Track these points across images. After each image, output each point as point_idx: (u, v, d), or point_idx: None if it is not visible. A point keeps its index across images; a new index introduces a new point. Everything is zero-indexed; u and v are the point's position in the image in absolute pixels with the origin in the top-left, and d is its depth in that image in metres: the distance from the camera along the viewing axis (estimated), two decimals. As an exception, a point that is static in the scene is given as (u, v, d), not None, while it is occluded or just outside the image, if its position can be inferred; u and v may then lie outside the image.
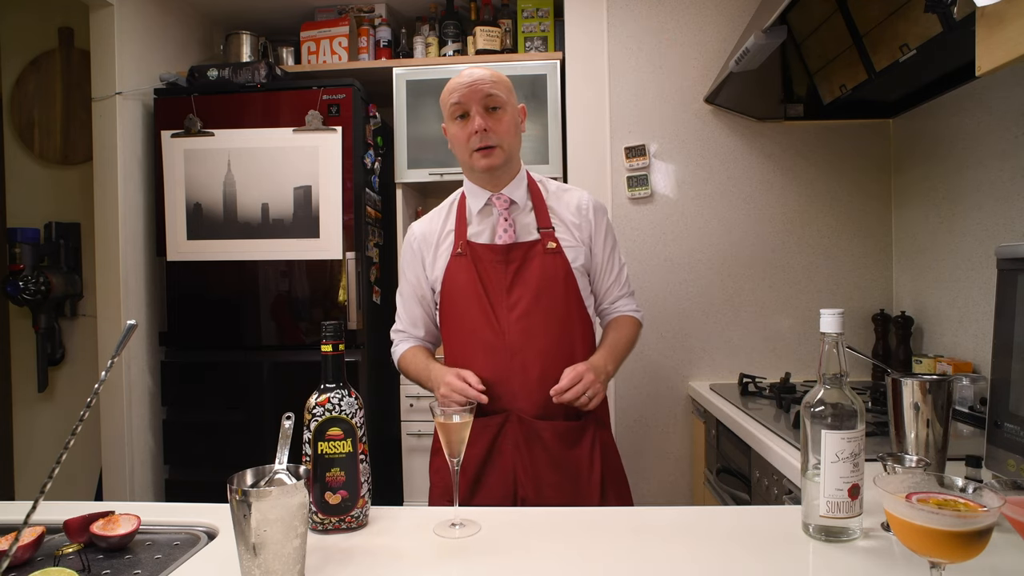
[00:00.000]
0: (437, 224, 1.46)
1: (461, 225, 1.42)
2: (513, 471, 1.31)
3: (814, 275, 2.40)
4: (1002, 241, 1.67)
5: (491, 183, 1.40)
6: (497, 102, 1.35)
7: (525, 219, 1.40)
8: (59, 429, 2.91)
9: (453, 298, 1.39)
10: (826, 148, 2.39)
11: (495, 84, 1.36)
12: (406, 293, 1.51)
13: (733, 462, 1.84)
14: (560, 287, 1.35)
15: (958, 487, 0.70)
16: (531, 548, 0.91)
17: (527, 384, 1.32)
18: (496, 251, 1.36)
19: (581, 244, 1.41)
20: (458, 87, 1.35)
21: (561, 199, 1.45)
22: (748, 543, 0.91)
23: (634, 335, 1.50)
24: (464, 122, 1.36)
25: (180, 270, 2.48)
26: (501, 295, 1.35)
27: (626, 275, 1.53)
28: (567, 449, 1.32)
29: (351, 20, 2.77)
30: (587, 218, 1.43)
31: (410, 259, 1.49)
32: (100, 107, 2.43)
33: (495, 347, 1.34)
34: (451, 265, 1.39)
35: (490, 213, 1.41)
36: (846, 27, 1.85)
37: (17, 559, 0.87)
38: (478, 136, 1.34)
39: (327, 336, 0.98)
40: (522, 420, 1.32)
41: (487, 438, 1.32)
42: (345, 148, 2.41)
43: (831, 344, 0.91)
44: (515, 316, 1.33)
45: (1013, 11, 0.96)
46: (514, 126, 1.39)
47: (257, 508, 0.74)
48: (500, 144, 1.35)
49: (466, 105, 1.34)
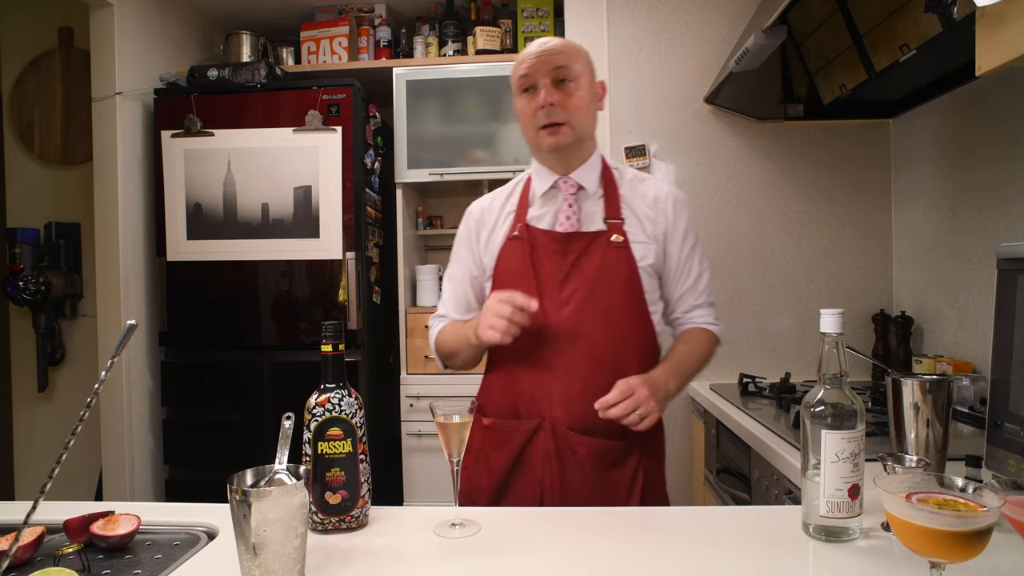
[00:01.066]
0: (498, 203, 1.35)
1: (522, 207, 1.30)
2: (540, 483, 1.20)
3: (814, 275, 2.40)
4: (1002, 241, 1.67)
5: (559, 165, 1.28)
6: (568, 74, 1.22)
7: (592, 207, 1.27)
8: (59, 429, 2.91)
9: (502, 284, 1.26)
10: (826, 148, 2.39)
11: (567, 55, 1.23)
12: (456, 275, 1.38)
13: (733, 462, 1.84)
14: (621, 286, 1.21)
15: (958, 487, 0.70)
16: (531, 548, 0.91)
17: (568, 391, 1.20)
18: (554, 238, 1.24)
19: (653, 241, 1.26)
20: (527, 57, 1.23)
21: (637, 189, 1.30)
22: (748, 543, 0.91)
23: (708, 352, 1.33)
24: (531, 96, 1.24)
25: (180, 270, 2.48)
26: (553, 287, 1.22)
27: (706, 281, 1.34)
28: (603, 470, 1.19)
29: (351, 20, 2.77)
30: (664, 212, 1.28)
31: (464, 237, 1.37)
32: (100, 107, 2.43)
33: (538, 344, 1.21)
34: (505, 248, 1.28)
35: (554, 197, 1.29)
36: (846, 27, 1.85)
37: (17, 559, 0.87)
38: (544, 112, 1.21)
39: (327, 336, 0.98)
40: (556, 430, 1.20)
41: (515, 444, 1.22)
42: (345, 148, 2.41)
43: (831, 344, 0.91)
44: (565, 313, 1.21)
45: (1013, 11, 0.96)
46: (588, 103, 1.25)
47: (257, 508, 0.74)
48: (569, 121, 1.22)
49: (533, 77, 1.22)
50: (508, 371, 1.27)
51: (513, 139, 2.55)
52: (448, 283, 1.40)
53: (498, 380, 1.29)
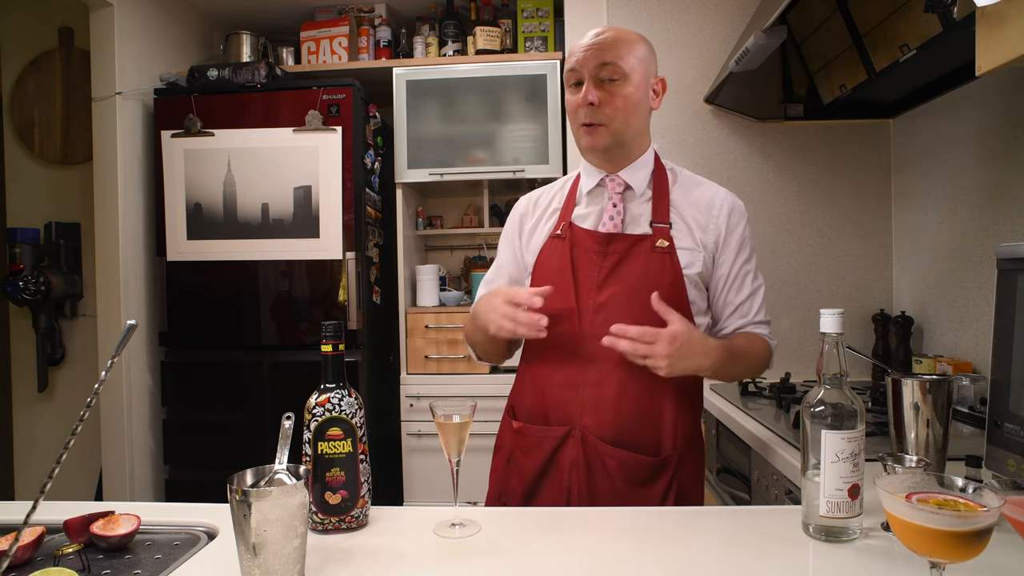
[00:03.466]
0: (545, 199, 1.30)
1: (569, 205, 1.25)
2: (567, 491, 1.16)
3: (814, 275, 2.40)
4: (1002, 241, 1.67)
5: (605, 162, 1.22)
6: (615, 72, 1.14)
7: (638, 209, 1.21)
8: (59, 429, 2.91)
9: (540, 283, 1.20)
10: (826, 148, 2.39)
11: (619, 48, 1.15)
12: (497, 271, 1.33)
13: (733, 462, 1.84)
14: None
15: (958, 487, 0.70)
16: (531, 548, 0.91)
17: (600, 400, 1.15)
18: (595, 239, 1.19)
19: (701, 248, 1.19)
20: (578, 49, 1.17)
21: (690, 192, 1.23)
22: (748, 543, 0.91)
23: (762, 357, 1.23)
24: (577, 90, 1.17)
25: (180, 270, 2.48)
26: (590, 290, 1.17)
27: (761, 299, 1.24)
28: (633, 486, 1.14)
29: (351, 20, 2.77)
30: (717, 219, 1.20)
31: (508, 233, 1.32)
32: (100, 107, 2.43)
33: (571, 349, 1.16)
34: (547, 246, 1.23)
35: (600, 196, 1.23)
36: (846, 27, 1.85)
37: (17, 559, 0.87)
38: (584, 110, 1.16)
39: (327, 336, 0.98)
40: (585, 439, 1.15)
41: (544, 450, 1.18)
42: (345, 148, 2.41)
43: (831, 344, 0.91)
44: (601, 318, 1.14)
45: (1013, 11, 0.96)
46: (636, 102, 1.17)
47: (257, 508, 0.74)
48: (608, 123, 1.16)
49: (580, 72, 1.16)
50: (540, 371, 1.23)
51: (513, 139, 2.56)
52: (488, 276, 1.36)
53: (530, 380, 1.25)
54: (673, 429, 1.17)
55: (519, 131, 2.55)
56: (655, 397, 1.16)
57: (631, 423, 1.15)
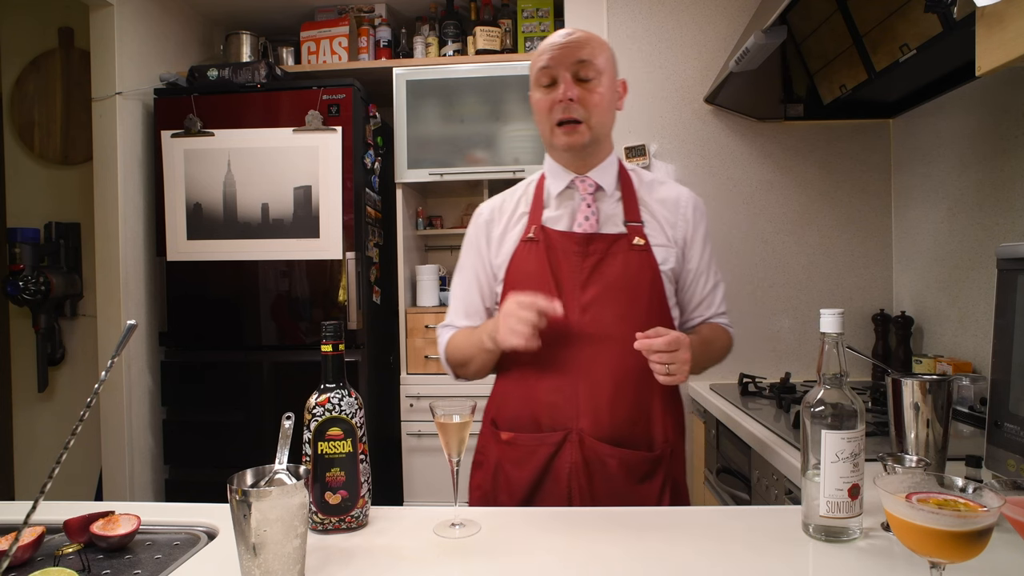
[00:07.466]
0: (509, 204, 1.29)
1: (537, 208, 1.24)
2: (568, 498, 1.15)
3: (814, 275, 2.40)
4: (1002, 241, 1.67)
5: (574, 163, 1.23)
6: (591, 71, 1.16)
7: (611, 209, 1.23)
8: (59, 429, 2.91)
9: (518, 287, 1.18)
10: (826, 148, 2.39)
11: (592, 49, 1.17)
12: (465, 281, 1.32)
13: (733, 462, 1.84)
14: (645, 291, 1.17)
15: (958, 487, 0.70)
16: (531, 548, 0.91)
17: (594, 401, 1.15)
18: (574, 240, 1.19)
19: (673, 245, 1.23)
20: (548, 48, 1.17)
21: (655, 191, 1.27)
22: (748, 543, 0.91)
23: (727, 346, 1.32)
24: (550, 89, 1.18)
25: (180, 270, 2.48)
26: (574, 291, 1.17)
27: (722, 292, 1.32)
28: (634, 484, 1.14)
29: (351, 20, 2.78)
30: (684, 216, 1.25)
31: (473, 240, 1.31)
32: (100, 107, 2.43)
33: (559, 350, 1.15)
34: (519, 251, 1.22)
35: (571, 198, 1.24)
36: (846, 27, 1.85)
37: (17, 559, 0.87)
38: (562, 106, 1.16)
39: (327, 336, 0.98)
40: (584, 441, 1.14)
41: (540, 459, 1.16)
42: (345, 148, 2.41)
43: (831, 344, 0.91)
44: (588, 318, 1.16)
45: (1013, 11, 0.96)
46: (608, 101, 1.19)
47: (257, 508, 0.74)
48: (587, 120, 1.17)
49: (554, 70, 1.17)
50: (524, 378, 1.20)
51: (513, 139, 2.56)
52: (455, 290, 1.34)
53: (513, 388, 1.23)
54: (663, 422, 1.19)
55: (519, 131, 2.55)
56: (646, 393, 1.17)
57: (626, 421, 1.16)
